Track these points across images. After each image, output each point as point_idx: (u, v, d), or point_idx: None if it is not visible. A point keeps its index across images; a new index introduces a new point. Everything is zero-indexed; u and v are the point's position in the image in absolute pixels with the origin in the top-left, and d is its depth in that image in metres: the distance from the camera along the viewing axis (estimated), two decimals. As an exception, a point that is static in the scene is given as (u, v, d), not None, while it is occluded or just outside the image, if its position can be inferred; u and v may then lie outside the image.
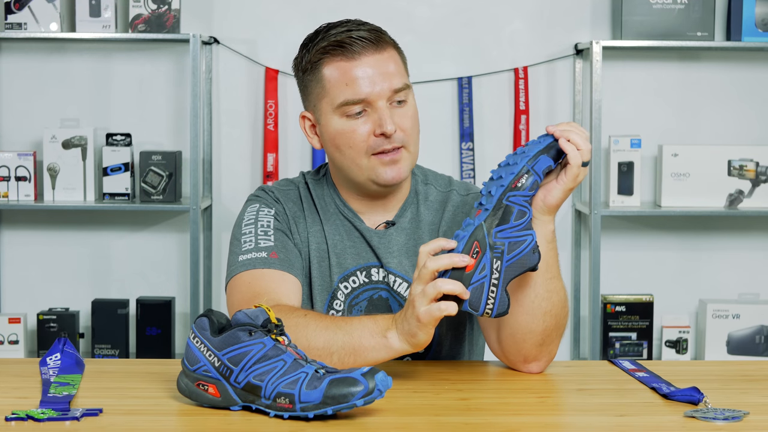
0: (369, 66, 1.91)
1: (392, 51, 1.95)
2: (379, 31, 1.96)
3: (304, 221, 2.01)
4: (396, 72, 1.93)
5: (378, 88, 1.90)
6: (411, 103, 1.95)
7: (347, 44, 1.91)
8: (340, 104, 1.91)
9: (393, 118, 1.91)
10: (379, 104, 1.90)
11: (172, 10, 3.62)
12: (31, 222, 3.82)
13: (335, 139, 1.94)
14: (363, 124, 1.91)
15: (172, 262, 3.82)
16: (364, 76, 1.90)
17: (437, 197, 2.04)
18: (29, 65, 3.77)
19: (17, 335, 3.63)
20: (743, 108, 3.83)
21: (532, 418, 1.58)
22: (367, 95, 1.90)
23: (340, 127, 1.93)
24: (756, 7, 3.65)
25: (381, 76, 1.91)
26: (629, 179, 3.68)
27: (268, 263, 1.91)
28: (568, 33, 3.80)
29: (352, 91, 1.90)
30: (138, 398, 1.64)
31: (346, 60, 1.91)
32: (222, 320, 1.58)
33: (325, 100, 1.94)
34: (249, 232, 1.97)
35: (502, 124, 3.82)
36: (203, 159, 3.77)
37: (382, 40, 1.94)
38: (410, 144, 1.94)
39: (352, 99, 1.90)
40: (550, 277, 1.78)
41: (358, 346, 1.70)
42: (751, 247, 3.87)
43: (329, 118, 1.94)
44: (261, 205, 2.02)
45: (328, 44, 1.93)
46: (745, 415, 1.54)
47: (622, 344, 3.72)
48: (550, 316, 1.79)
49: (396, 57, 1.96)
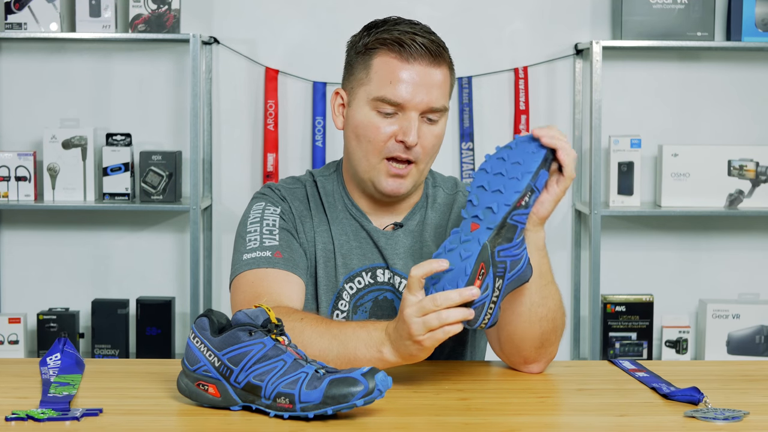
0: (418, 74, 1.90)
1: (446, 71, 1.95)
2: (442, 47, 1.95)
3: (310, 220, 2.01)
4: (440, 91, 1.92)
5: (417, 99, 1.90)
6: (441, 126, 1.95)
7: (407, 45, 1.91)
8: (376, 98, 1.91)
9: (419, 132, 1.91)
10: (411, 114, 1.90)
11: (172, 10, 3.62)
12: (31, 222, 3.82)
13: (358, 128, 1.94)
14: (389, 125, 1.91)
15: (172, 262, 3.82)
16: (409, 82, 1.90)
17: (444, 200, 2.05)
18: (29, 65, 3.77)
19: (17, 335, 3.63)
20: (743, 108, 3.83)
21: (532, 418, 1.58)
22: (405, 101, 1.90)
23: (367, 119, 1.92)
24: (756, 7, 3.65)
25: (425, 88, 1.90)
26: (629, 179, 3.68)
27: (272, 263, 1.91)
28: (568, 33, 3.80)
29: (393, 91, 1.90)
30: (138, 398, 1.64)
31: (400, 59, 1.91)
32: (222, 320, 1.58)
33: (365, 88, 1.93)
34: (254, 230, 1.96)
35: (502, 124, 3.82)
36: (203, 159, 3.77)
37: (440, 56, 1.93)
38: (422, 162, 1.94)
39: (390, 98, 1.90)
40: (544, 284, 1.79)
41: (353, 358, 1.69)
42: (751, 247, 3.87)
43: (361, 105, 1.94)
44: (267, 203, 2.01)
45: (389, 37, 1.92)
46: (745, 415, 1.54)
47: (622, 344, 3.72)
48: (546, 321, 1.80)
49: (447, 78, 1.95)
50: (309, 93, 3.78)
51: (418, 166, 1.94)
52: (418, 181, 1.96)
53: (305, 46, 3.78)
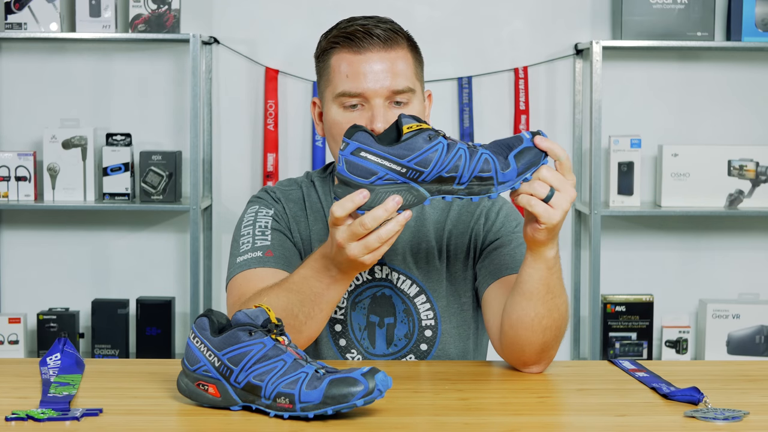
0: (373, 62, 1.91)
1: (405, 52, 1.95)
2: (395, 30, 1.95)
3: (305, 220, 2.02)
4: (402, 73, 1.92)
5: (378, 85, 1.90)
6: (414, 106, 1.94)
7: (357, 38, 1.92)
8: (338, 94, 1.93)
9: (387, 117, 1.91)
10: (375, 101, 1.91)
11: (172, 10, 3.62)
12: (31, 222, 3.82)
13: (332, 128, 1.95)
14: (357, 118, 1.92)
15: (172, 262, 3.82)
16: (365, 71, 1.91)
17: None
18: (29, 65, 3.77)
19: (17, 335, 3.63)
20: (743, 108, 3.83)
21: (532, 418, 1.58)
22: (365, 90, 1.91)
23: (336, 117, 1.94)
24: (756, 7, 3.65)
25: (383, 74, 1.91)
26: (629, 179, 3.68)
27: (263, 262, 1.92)
28: (568, 33, 3.80)
29: (352, 83, 1.91)
30: (138, 398, 1.64)
31: (352, 53, 1.93)
32: (222, 320, 1.58)
33: (329, 89, 1.95)
34: (247, 233, 1.98)
35: (502, 124, 3.82)
36: (203, 159, 3.77)
37: (393, 39, 1.93)
38: None
39: (350, 91, 1.91)
40: (551, 297, 1.78)
41: (314, 296, 1.75)
42: (751, 247, 3.87)
43: (330, 106, 1.95)
44: (260, 206, 2.03)
45: (339, 35, 1.95)
46: (745, 415, 1.54)
47: (622, 344, 3.72)
48: (550, 330, 1.79)
49: (408, 59, 1.95)
50: (309, 93, 3.78)
51: None
52: None
53: (305, 46, 3.78)
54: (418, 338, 2.00)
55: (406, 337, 2.00)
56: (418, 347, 2.01)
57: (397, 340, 2.00)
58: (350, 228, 1.63)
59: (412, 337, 2.00)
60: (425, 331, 2.00)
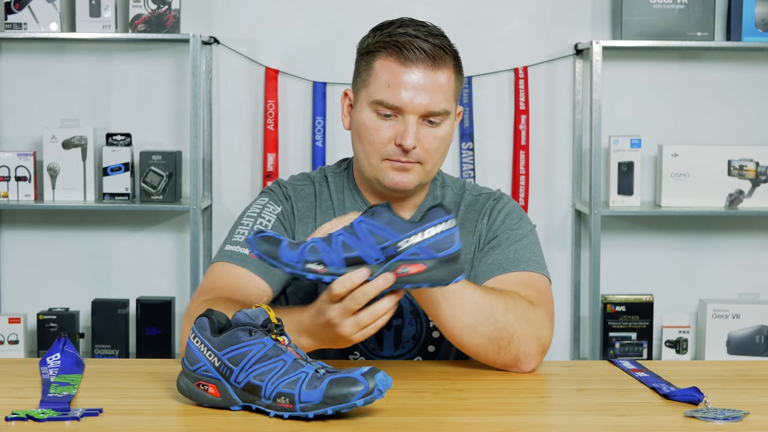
0: (416, 78, 1.90)
1: (449, 73, 1.94)
2: (445, 49, 1.93)
3: (313, 221, 2.02)
4: (441, 94, 1.92)
5: (416, 102, 1.89)
6: (445, 128, 1.95)
7: (406, 48, 1.90)
8: (375, 101, 1.91)
9: (417, 135, 1.90)
10: (409, 117, 1.90)
11: (172, 10, 3.62)
12: (31, 222, 3.82)
13: (360, 129, 1.94)
14: (388, 128, 1.91)
15: (172, 262, 3.82)
16: (407, 85, 1.90)
17: (452, 198, 2.06)
18: (29, 65, 3.77)
19: (17, 335, 3.63)
20: (743, 108, 3.83)
21: (532, 418, 1.58)
22: (402, 105, 1.90)
23: (367, 121, 1.93)
24: (756, 7, 3.65)
25: (424, 92, 1.90)
26: (629, 179, 3.68)
27: (245, 261, 1.93)
28: (568, 33, 3.80)
29: (391, 94, 1.90)
30: (138, 398, 1.64)
31: (398, 63, 1.91)
32: (222, 320, 1.58)
33: (366, 90, 1.94)
34: (246, 224, 1.99)
35: (502, 124, 3.82)
36: (203, 159, 3.77)
37: (440, 59, 1.92)
38: (427, 163, 1.94)
39: (387, 102, 1.90)
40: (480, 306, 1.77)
41: None
42: (751, 247, 3.87)
43: (363, 107, 1.94)
44: (270, 200, 2.03)
45: (390, 40, 1.92)
46: (745, 415, 1.54)
47: (622, 344, 3.72)
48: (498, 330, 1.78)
49: (450, 80, 1.94)
50: (309, 93, 3.78)
51: (424, 167, 1.94)
52: (425, 179, 1.96)
53: (305, 46, 3.78)
54: (426, 340, 2.00)
55: (414, 338, 2.00)
56: (426, 349, 2.01)
57: (404, 341, 2.00)
58: (343, 303, 1.62)
59: (420, 339, 2.00)
60: (433, 332, 2.00)
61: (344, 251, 1.60)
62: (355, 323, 1.63)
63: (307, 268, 1.59)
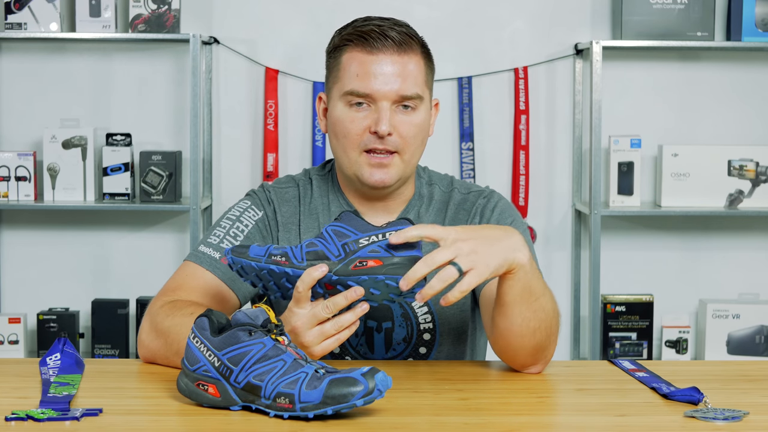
0: (384, 64, 1.91)
1: (418, 58, 1.94)
2: (410, 35, 1.94)
3: (297, 226, 2.01)
4: (412, 79, 1.92)
5: (387, 88, 1.90)
6: (421, 114, 1.94)
7: (371, 38, 1.91)
8: (346, 92, 1.92)
9: (392, 121, 1.90)
10: (382, 104, 1.90)
11: (172, 10, 3.62)
12: (31, 222, 3.82)
13: (335, 126, 1.95)
14: (363, 119, 1.92)
15: (172, 262, 3.82)
16: (376, 72, 1.90)
17: (441, 197, 2.04)
18: (29, 65, 3.77)
19: (17, 335, 3.63)
20: (743, 108, 3.83)
21: (532, 418, 1.58)
22: (373, 92, 1.90)
23: (341, 115, 1.93)
24: (756, 7, 3.65)
25: (393, 77, 1.90)
26: (629, 179, 3.68)
27: (213, 266, 1.93)
28: (568, 33, 3.80)
29: (361, 83, 1.90)
30: (138, 398, 1.64)
31: (364, 52, 1.92)
32: (222, 320, 1.58)
33: (337, 86, 1.94)
34: (224, 226, 1.98)
35: (502, 124, 3.82)
36: (203, 159, 3.77)
37: (407, 44, 1.92)
38: (405, 152, 1.93)
39: (358, 90, 1.91)
40: (535, 299, 1.73)
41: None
42: (751, 247, 3.87)
43: (335, 103, 1.95)
44: (252, 203, 2.02)
45: (353, 33, 1.94)
46: (745, 415, 1.54)
47: (622, 344, 3.72)
48: (540, 331, 1.76)
49: (420, 65, 1.94)
50: (309, 93, 3.78)
51: (402, 156, 1.93)
52: (405, 171, 1.95)
53: (305, 46, 3.78)
54: (416, 342, 1.99)
55: (405, 341, 1.99)
56: (417, 351, 2.00)
57: (395, 344, 1.99)
58: (313, 311, 1.65)
59: (411, 341, 1.99)
60: (424, 334, 1.99)
61: (307, 247, 1.68)
62: (320, 333, 1.65)
63: (272, 260, 1.67)
